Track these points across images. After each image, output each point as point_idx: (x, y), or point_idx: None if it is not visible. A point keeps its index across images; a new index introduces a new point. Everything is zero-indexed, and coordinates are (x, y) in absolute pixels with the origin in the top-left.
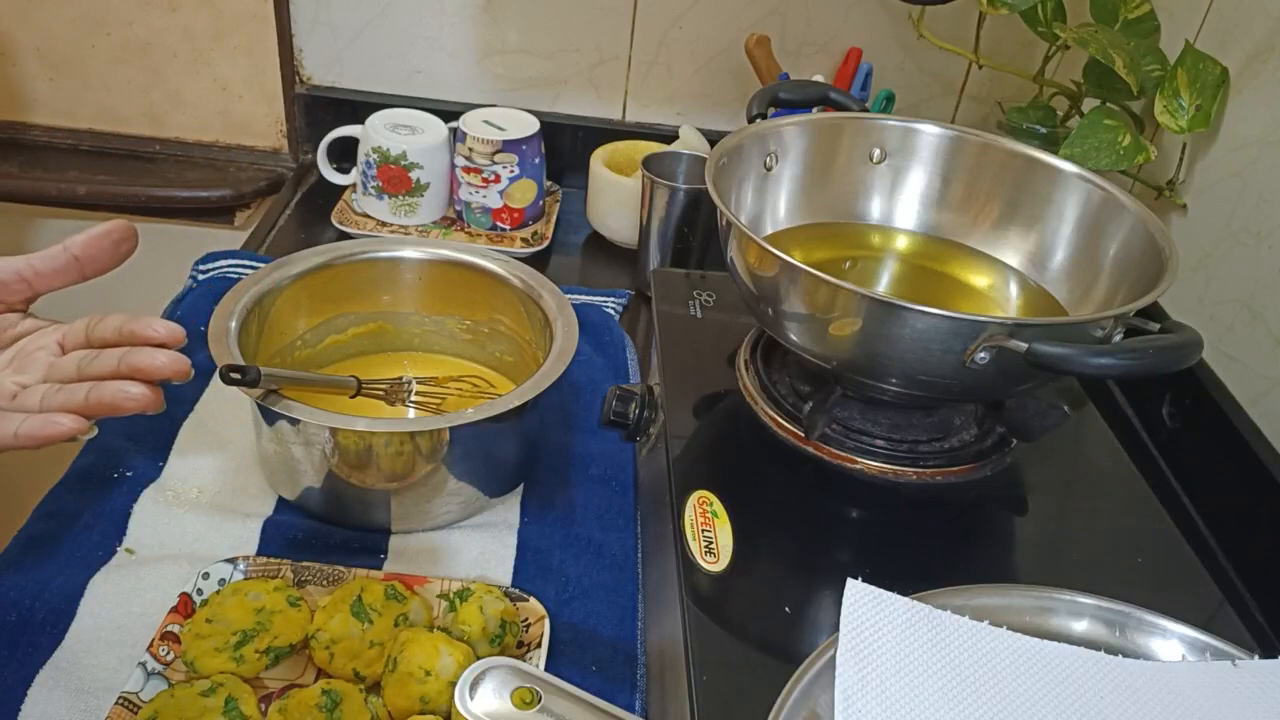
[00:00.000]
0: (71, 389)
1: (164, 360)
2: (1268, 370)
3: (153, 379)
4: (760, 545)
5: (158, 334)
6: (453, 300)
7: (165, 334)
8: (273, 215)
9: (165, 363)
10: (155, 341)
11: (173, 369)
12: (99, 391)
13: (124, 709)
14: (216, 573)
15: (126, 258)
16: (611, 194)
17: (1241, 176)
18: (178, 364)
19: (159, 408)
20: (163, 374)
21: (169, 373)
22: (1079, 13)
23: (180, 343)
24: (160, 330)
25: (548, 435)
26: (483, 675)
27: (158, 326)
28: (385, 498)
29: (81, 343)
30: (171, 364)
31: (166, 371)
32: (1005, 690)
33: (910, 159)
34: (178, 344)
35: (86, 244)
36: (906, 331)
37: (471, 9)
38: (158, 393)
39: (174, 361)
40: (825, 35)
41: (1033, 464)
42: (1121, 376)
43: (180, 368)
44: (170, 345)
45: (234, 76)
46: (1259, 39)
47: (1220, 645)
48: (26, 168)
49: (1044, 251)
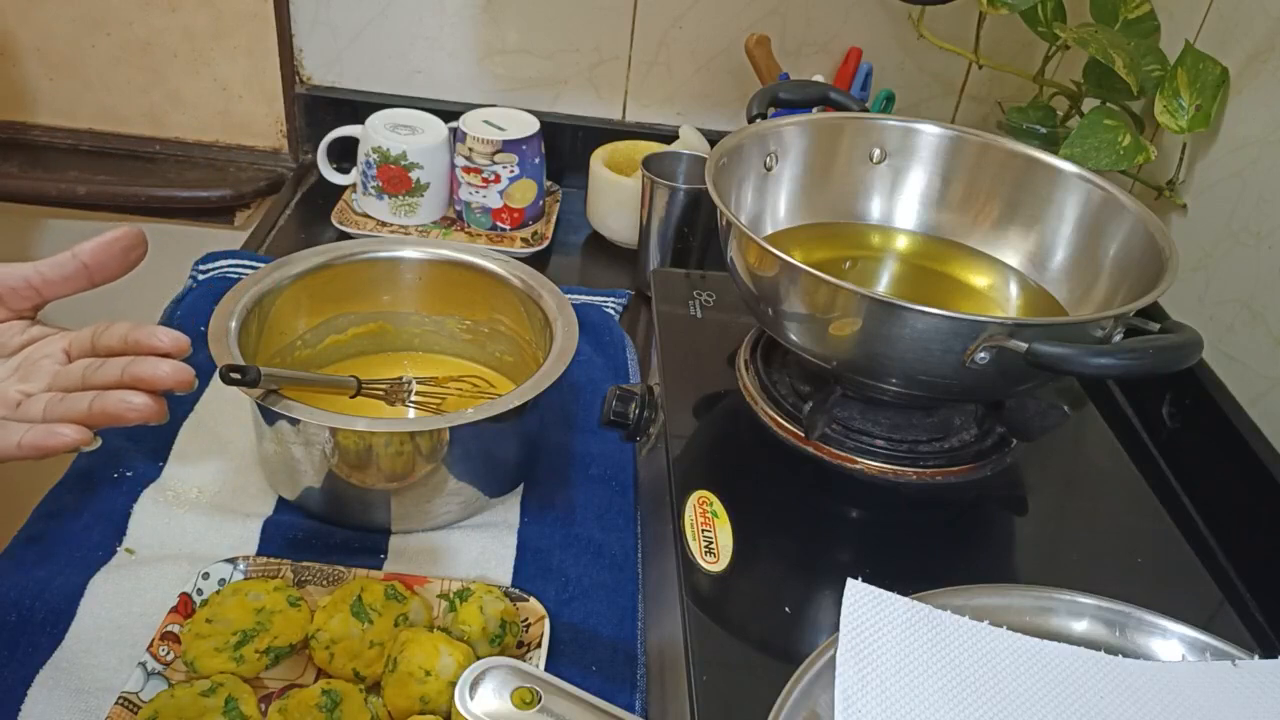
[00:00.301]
0: (74, 398)
1: (167, 370)
2: (1268, 370)
3: (156, 389)
4: (760, 545)
5: (162, 343)
6: (453, 300)
7: (170, 343)
8: (273, 215)
9: (168, 373)
10: (160, 350)
11: (175, 379)
12: (101, 401)
13: (124, 709)
14: (216, 573)
15: (136, 265)
16: (611, 194)
17: (1241, 176)
18: (181, 374)
19: (162, 418)
20: (165, 384)
21: (172, 383)
22: (1079, 13)
23: (185, 352)
24: (165, 339)
25: (548, 435)
26: (483, 675)
27: (162, 336)
28: (385, 498)
29: (87, 350)
30: (175, 374)
31: (169, 382)
32: (1005, 690)
33: (910, 159)
34: (182, 353)
35: (95, 251)
36: (906, 331)
37: (471, 9)
38: (161, 403)
39: (177, 371)
40: (825, 35)
41: (1033, 464)
42: (1121, 376)
43: (184, 378)
44: (175, 354)
45: (234, 76)
46: (1259, 39)
47: (1220, 645)
48: (26, 168)
49: (1044, 251)
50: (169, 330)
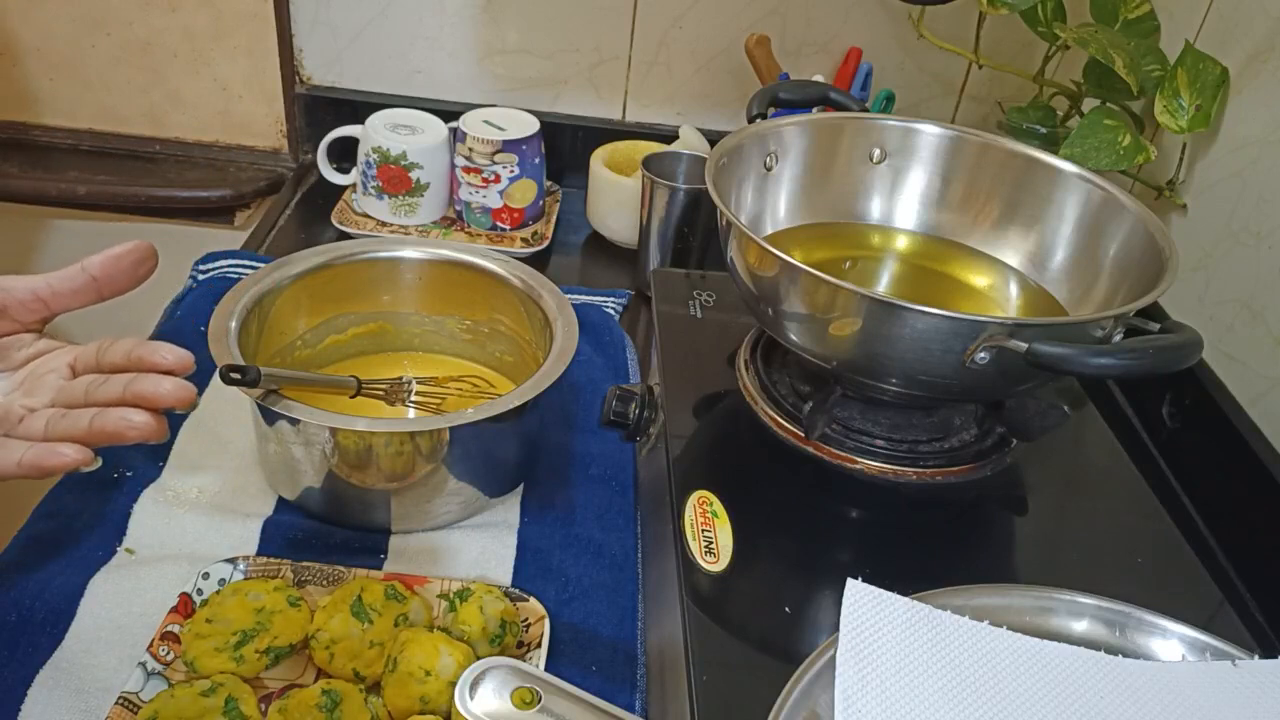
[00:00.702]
0: (75, 416)
1: (169, 388)
2: (1268, 370)
3: (156, 407)
4: (760, 545)
5: (165, 360)
6: (453, 300)
7: (173, 360)
8: (273, 215)
9: (170, 390)
10: (163, 368)
11: (176, 397)
12: (102, 419)
13: (124, 709)
14: (216, 573)
15: (146, 279)
16: (611, 194)
17: (1241, 176)
18: (182, 392)
19: (161, 437)
20: (166, 402)
21: (173, 400)
22: (1079, 13)
23: (189, 369)
24: (169, 356)
25: (548, 435)
26: (483, 675)
27: (166, 353)
28: (385, 498)
29: (92, 366)
30: (176, 392)
31: (170, 400)
32: (1005, 690)
33: (910, 159)
34: (185, 370)
35: (105, 264)
36: (906, 331)
37: (471, 9)
38: (161, 421)
39: (178, 389)
40: (825, 35)
41: (1033, 464)
42: (1121, 376)
43: (185, 395)
44: (178, 372)
45: (234, 76)
46: (1259, 39)
47: (1220, 645)
48: (26, 168)
49: (1044, 251)
50: (173, 347)
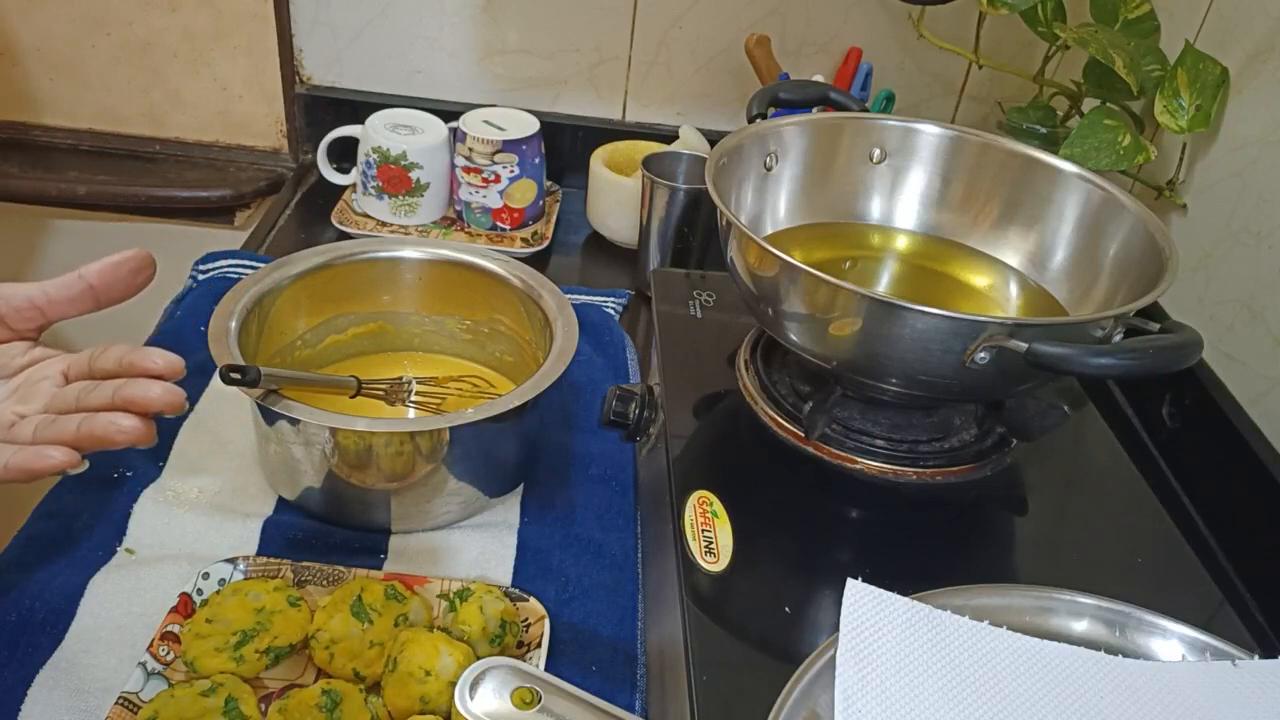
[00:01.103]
0: (64, 420)
1: (158, 393)
2: (1268, 370)
3: (145, 411)
4: (760, 545)
5: (155, 365)
6: (453, 300)
7: (163, 366)
8: (273, 215)
9: (159, 395)
10: (153, 373)
11: (165, 401)
12: (90, 424)
13: (124, 709)
14: (216, 573)
15: (144, 287)
16: (611, 194)
17: (1241, 176)
18: (171, 396)
19: (150, 441)
20: (155, 406)
21: (161, 405)
22: (1079, 13)
23: (179, 375)
24: (159, 362)
25: (548, 435)
26: (483, 675)
27: (156, 358)
28: (385, 498)
29: (85, 373)
30: (165, 396)
31: (159, 404)
32: (1005, 690)
33: (910, 159)
34: (175, 376)
35: (102, 272)
36: (906, 331)
37: (471, 9)
38: (150, 426)
39: (167, 394)
40: (825, 35)
41: (1033, 464)
42: (1121, 376)
43: (174, 400)
44: (168, 377)
45: (234, 76)
46: (1259, 39)
47: (1220, 645)
48: (26, 168)
49: (1044, 251)
50: (164, 353)
